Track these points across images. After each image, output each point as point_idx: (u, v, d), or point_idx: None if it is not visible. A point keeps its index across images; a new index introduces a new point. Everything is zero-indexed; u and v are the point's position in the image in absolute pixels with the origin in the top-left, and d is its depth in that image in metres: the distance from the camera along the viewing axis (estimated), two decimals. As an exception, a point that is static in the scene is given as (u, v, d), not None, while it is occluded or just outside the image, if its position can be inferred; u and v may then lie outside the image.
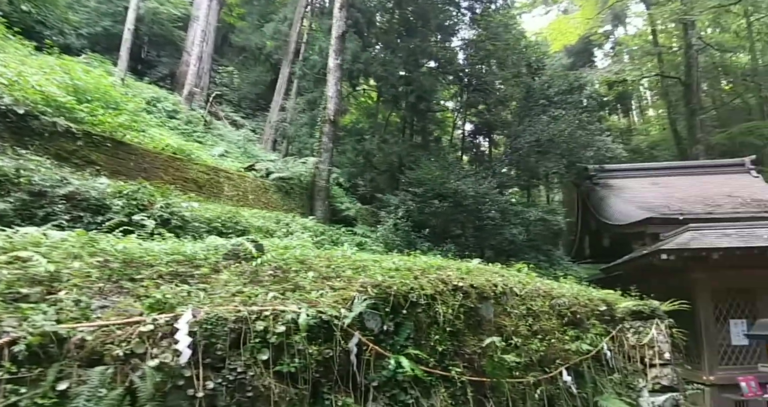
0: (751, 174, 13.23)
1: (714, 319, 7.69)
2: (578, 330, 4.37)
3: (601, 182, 14.01)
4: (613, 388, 4.55)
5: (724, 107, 25.88)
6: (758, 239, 7.50)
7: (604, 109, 21.54)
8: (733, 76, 25.79)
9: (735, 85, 26.37)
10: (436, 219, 12.47)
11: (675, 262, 7.73)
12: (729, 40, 24.90)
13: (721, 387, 7.36)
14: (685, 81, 21.18)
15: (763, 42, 23.55)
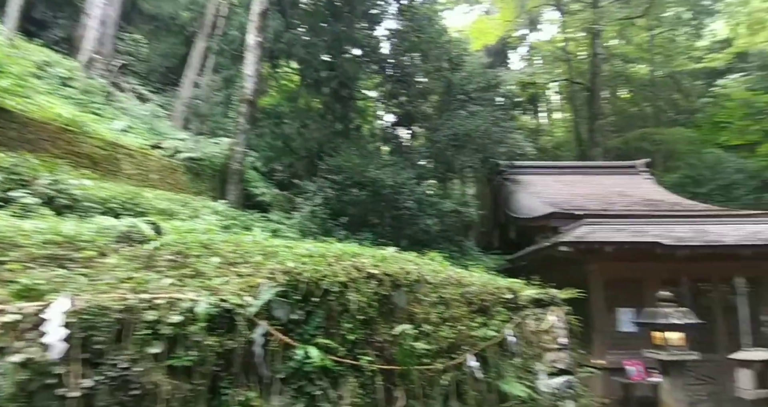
0: (643, 176, 14.74)
1: (605, 307, 8.44)
2: (486, 317, 4.53)
3: (511, 177, 14.82)
4: (514, 372, 4.79)
5: (622, 114, 28.62)
6: (647, 235, 8.33)
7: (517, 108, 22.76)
8: (633, 86, 28.54)
9: (634, 94, 29.25)
10: (354, 208, 12.43)
11: (573, 254, 8.35)
12: (631, 52, 27.48)
13: (610, 370, 8.09)
14: (589, 87, 23.04)
15: (662, 55, 26.25)
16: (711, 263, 8.38)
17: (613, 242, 7.96)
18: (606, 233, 8.41)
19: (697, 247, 7.83)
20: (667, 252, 7.86)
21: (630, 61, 27.95)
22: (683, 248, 7.75)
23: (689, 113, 26.18)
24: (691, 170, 20.29)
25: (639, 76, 27.73)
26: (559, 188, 13.58)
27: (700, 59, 26.82)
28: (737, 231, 8.46)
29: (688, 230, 8.58)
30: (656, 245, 7.80)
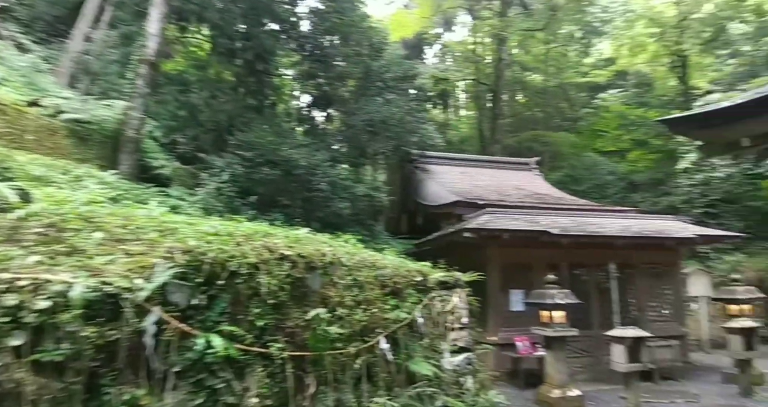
0: (534, 172, 15.78)
1: (500, 289, 8.86)
2: (398, 299, 4.40)
3: (421, 166, 15.05)
4: (422, 352, 4.75)
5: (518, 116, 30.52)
6: (537, 224, 8.84)
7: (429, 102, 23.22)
8: (528, 92, 30.51)
9: (528, 99, 31.30)
10: (265, 187, 11.75)
11: (474, 239, 8.62)
12: (529, 62, 29.24)
13: (502, 346, 8.54)
14: (493, 89, 24.14)
15: (554, 67, 28.24)
16: (589, 251, 9.15)
17: (510, 229, 8.35)
18: (504, 222, 8.79)
19: (579, 236, 8.50)
20: (554, 240, 8.42)
21: (528, 70, 29.80)
22: (568, 236, 8.37)
23: (573, 120, 28.65)
24: (572, 170, 22.26)
25: (534, 84, 29.71)
26: (463, 179, 14.04)
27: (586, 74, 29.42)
28: (612, 224, 9.35)
29: (571, 222, 9.28)
30: (545, 234, 8.32)
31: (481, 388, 5.53)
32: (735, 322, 7.33)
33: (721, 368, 8.82)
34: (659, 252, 9.73)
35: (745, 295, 7.91)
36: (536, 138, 24.30)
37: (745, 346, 7.12)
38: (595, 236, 8.55)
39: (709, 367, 9.41)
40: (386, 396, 3.88)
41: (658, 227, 9.55)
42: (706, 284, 12.07)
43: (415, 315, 4.71)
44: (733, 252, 15.91)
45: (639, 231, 8.99)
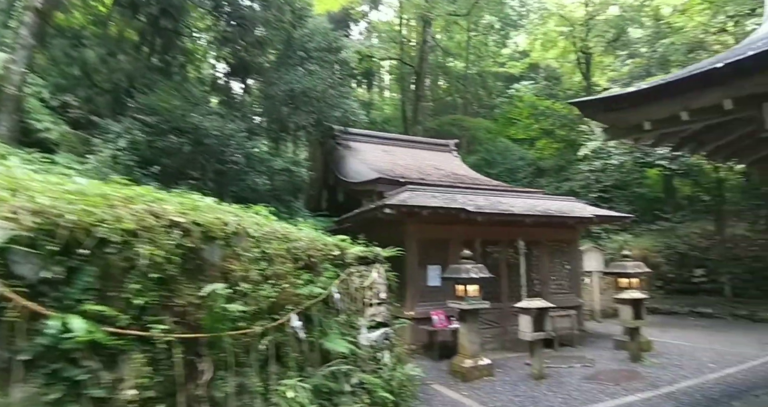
0: (453, 154, 16.01)
1: (418, 264, 8.82)
2: (312, 273, 4.03)
3: (343, 142, 14.59)
4: (338, 329, 4.46)
5: (439, 101, 30.99)
6: (455, 202, 8.86)
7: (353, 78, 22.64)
8: (450, 78, 30.99)
9: (450, 85, 31.83)
10: (171, 157, 10.62)
11: (395, 216, 8.44)
12: (452, 47, 29.61)
13: (419, 320, 8.53)
14: (417, 71, 24.10)
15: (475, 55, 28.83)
16: (500, 228, 9.41)
17: (430, 206, 8.28)
18: (424, 199, 8.72)
19: (492, 214, 8.65)
20: (470, 217, 8.50)
21: (450, 55, 30.22)
22: (483, 214, 8.49)
23: (490, 108, 29.69)
24: (487, 154, 23.09)
25: (455, 71, 30.24)
26: (385, 157, 13.84)
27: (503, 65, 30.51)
28: (521, 203, 9.68)
29: (485, 200, 9.46)
30: (463, 211, 8.37)
31: (398, 362, 5.39)
32: (625, 294, 7.93)
33: (612, 335, 9.61)
34: (561, 230, 10.29)
35: (634, 270, 8.60)
36: (456, 122, 24.81)
37: (634, 316, 7.73)
38: (506, 214, 8.77)
39: (602, 335, 10.24)
40: (298, 377, 3.53)
41: (561, 207, 10.07)
42: (598, 260, 13.12)
43: (331, 291, 4.38)
44: (621, 233, 17.53)
45: (545, 210, 9.40)
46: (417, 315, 8.54)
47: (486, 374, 6.98)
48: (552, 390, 6.31)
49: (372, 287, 5.40)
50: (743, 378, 6.55)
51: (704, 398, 5.75)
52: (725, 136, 5.57)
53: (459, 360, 7.09)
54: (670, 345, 9.01)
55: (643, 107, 4.74)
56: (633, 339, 7.78)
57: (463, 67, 29.37)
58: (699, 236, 15.06)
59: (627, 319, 7.81)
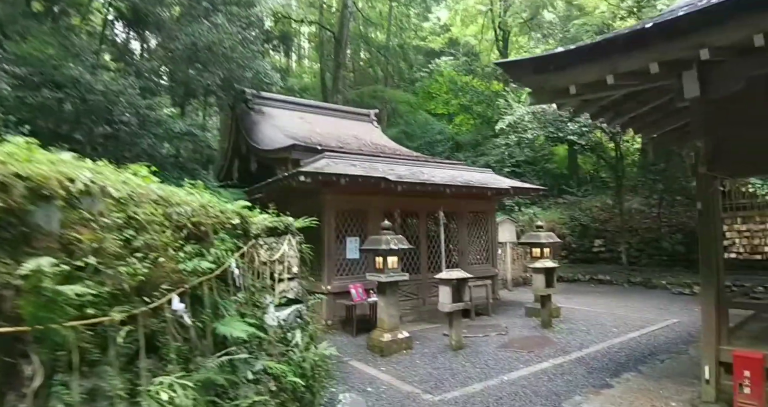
0: (373, 124, 15.50)
1: (335, 236, 8.30)
2: (202, 245, 3.32)
3: (256, 107, 13.45)
4: (239, 309, 3.81)
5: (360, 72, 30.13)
6: (376, 171, 8.40)
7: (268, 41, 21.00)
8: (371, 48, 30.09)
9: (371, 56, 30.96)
10: (48, 116, 8.93)
11: (311, 184, 7.81)
12: (374, 17, 28.65)
13: (336, 294, 8.09)
14: (337, 38, 22.99)
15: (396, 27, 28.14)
16: (421, 199, 9.18)
17: (349, 174, 7.74)
18: (342, 167, 8.15)
19: (413, 184, 8.34)
20: (390, 187, 8.11)
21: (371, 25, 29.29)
22: (403, 183, 8.14)
23: (410, 81, 29.48)
24: (406, 127, 22.93)
25: (377, 42, 29.44)
26: (302, 125, 12.98)
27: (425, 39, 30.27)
28: (442, 174, 9.49)
29: (406, 170, 9.13)
30: (383, 180, 7.95)
31: (312, 341, 4.88)
32: (539, 263, 8.11)
33: (522, 303, 9.95)
34: (479, 202, 10.33)
35: (546, 240, 8.84)
36: (377, 94, 24.23)
37: (546, 284, 7.94)
38: (427, 184, 8.50)
39: (514, 303, 10.58)
40: (181, 372, 2.86)
41: (480, 178, 10.07)
42: (511, 232, 13.58)
43: (230, 266, 3.71)
44: (531, 206, 18.43)
45: (465, 181, 9.30)
46: (334, 290, 8.09)
47: (405, 347, 6.76)
48: (470, 360, 6.23)
49: (282, 261, 4.80)
50: (646, 342, 6.98)
51: (612, 362, 5.98)
52: (640, 107, 5.64)
53: (377, 334, 6.78)
54: (576, 310, 9.51)
55: (572, 70, 4.55)
56: (544, 307, 8.01)
57: (384, 39, 28.67)
58: (599, 210, 16.25)
59: (539, 287, 8.00)
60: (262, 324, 4.17)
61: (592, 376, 5.46)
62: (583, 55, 4.45)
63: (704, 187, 4.45)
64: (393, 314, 6.79)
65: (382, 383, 5.46)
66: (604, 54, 4.23)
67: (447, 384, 5.37)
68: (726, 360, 4.18)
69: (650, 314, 9.02)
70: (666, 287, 11.87)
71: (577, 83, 4.59)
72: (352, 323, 7.82)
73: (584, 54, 4.44)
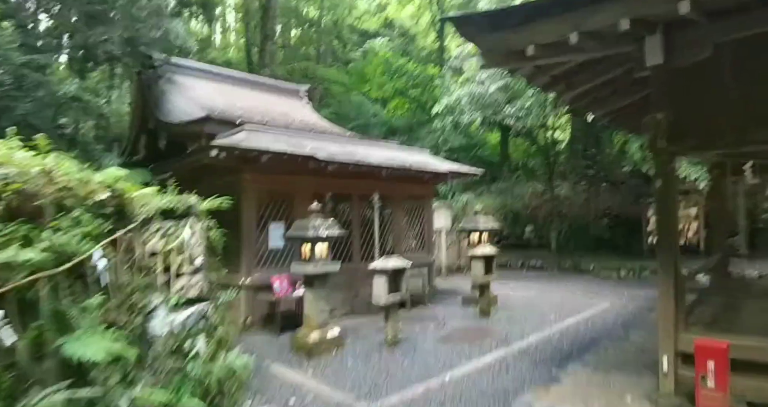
0: (304, 101, 14.37)
1: (256, 222, 7.31)
2: (34, 227, 2.30)
3: (166, 75, 11.78)
4: (106, 315, 2.84)
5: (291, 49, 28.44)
6: (303, 148, 7.47)
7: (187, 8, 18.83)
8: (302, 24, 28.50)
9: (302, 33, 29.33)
10: None
11: (226, 161, 6.75)
12: (305, -10, 27.06)
13: (257, 288, 7.14)
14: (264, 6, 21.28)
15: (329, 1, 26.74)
16: (354, 181, 8.42)
17: (272, 151, 6.75)
18: (264, 142, 7.13)
19: (346, 163, 7.55)
20: (320, 167, 7.26)
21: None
22: (335, 162, 7.32)
23: (344, 62, 28.36)
24: (339, 108, 21.94)
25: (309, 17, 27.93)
26: (221, 97, 11.59)
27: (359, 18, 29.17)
28: (378, 154, 8.75)
29: (339, 149, 8.28)
30: (312, 159, 7.07)
31: (220, 348, 3.96)
32: (478, 249, 7.69)
33: (459, 291, 9.58)
34: (417, 186, 9.77)
35: (485, 225, 8.46)
36: (307, 72, 22.87)
37: (485, 271, 7.54)
38: (361, 164, 7.73)
39: (450, 291, 10.20)
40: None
41: (417, 160, 9.47)
42: (447, 218, 13.25)
43: (88, 257, 2.70)
44: (465, 193, 18.36)
45: (402, 163, 8.64)
46: (255, 283, 7.13)
47: (336, 346, 6.01)
48: (408, 357, 5.62)
49: (182, 251, 3.82)
50: (584, 328, 6.80)
51: (556, 352, 5.66)
52: (593, 79, 5.26)
53: (304, 333, 5.96)
54: (512, 297, 9.31)
55: (532, 26, 3.97)
56: (483, 295, 7.64)
57: (317, 15, 27.22)
58: (531, 196, 16.47)
59: (478, 275, 7.60)
60: (144, 334, 3.21)
61: (538, 370, 5.06)
62: (546, 8, 3.90)
63: (664, 163, 4.11)
64: (322, 309, 6.00)
65: (308, 391, 4.68)
66: (570, 7, 3.69)
67: (383, 387, 4.71)
68: (686, 350, 3.89)
69: (583, 299, 9.03)
70: (594, 271, 12.19)
71: (537, 43, 4.03)
72: (276, 320, 6.92)
73: (548, 7, 3.89)
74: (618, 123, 7.03)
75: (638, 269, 11.47)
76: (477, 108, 13.11)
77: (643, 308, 8.05)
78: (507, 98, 12.87)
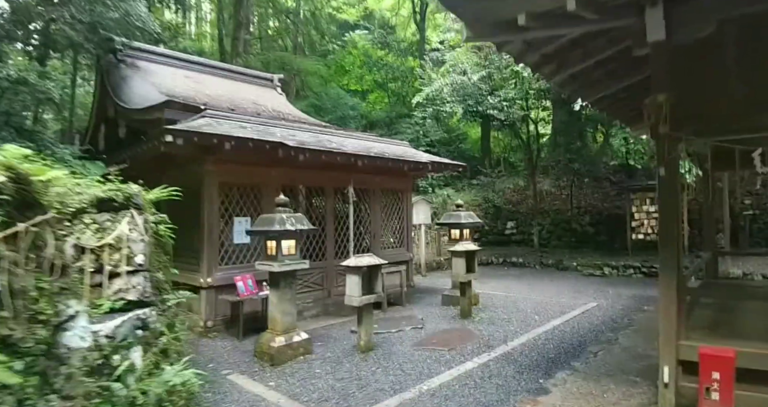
0: (277, 90, 13.71)
1: (219, 217, 6.70)
2: None
3: (128, 60, 10.99)
4: None
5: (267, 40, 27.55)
6: (272, 136, 6.88)
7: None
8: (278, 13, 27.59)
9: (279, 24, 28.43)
10: None
11: (186, 150, 6.12)
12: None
13: (219, 288, 6.55)
14: (239, -7, 20.44)
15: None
16: (328, 173, 7.89)
17: (236, 137, 6.13)
18: (228, 128, 6.51)
19: (319, 152, 6.96)
20: (290, 156, 6.67)
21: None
22: (307, 150, 6.73)
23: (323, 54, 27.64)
24: (317, 100, 21.28)
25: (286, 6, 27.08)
26: (187, 84, 10.87)
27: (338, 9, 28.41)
28: (354, 144, 8.22)
29: (311, 137, 7.71)
30: (281, 146, 6.48)
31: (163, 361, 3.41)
32: (459, 246, 7.25)
33: (439, 290, 9.14)
34: (395, 178, 9.29)
35: (467, 220, 8.03)
36: (284, 63, 22.09)
37: (466, 269, 7.11)
38: (335, 153, 7.17)
39: (429, 289, 9.77)
40: None
41: (395, 151, 8.96)
42: (426, 213, 12.79)
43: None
44: (445, 188, 17.99)
45: (380, 153, 8.12)
46: (217, 282, 6.53)
47: (303, 352, 5.48)
48: (381, 364, 5.14)
49: (120, 247, 3.24)
50: (570, 330, 6.42)
51: (542, 358, 5.25)
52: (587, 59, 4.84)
53: (268, 338, 5.42)
54: (494, 296, 8.92)
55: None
56: (464, 294, 7.20)
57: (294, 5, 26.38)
58: (512, 191, 16.18)
59: (460, 273, 7.16)
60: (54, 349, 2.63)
61: (524, 378, 4.63)
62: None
63: (667, 150, 3.69)
64: (288, 311, 5.46)
65: (268, 405, 4.14)
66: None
67: (353, 400, 4.21)
68: (687, 358, 3.50)
69: (567, 298, 8.69)
70: (577, 269, 11.90)
71: (529, 11, 3.57)
72: (239, 323, 6.34)
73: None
74: (611, 110, 6.64)
75: (622, 267, 11.23)
76: (458, 98, 12.67)
77: (630, 308, 7.75)
78: (489, 89, 12.47)
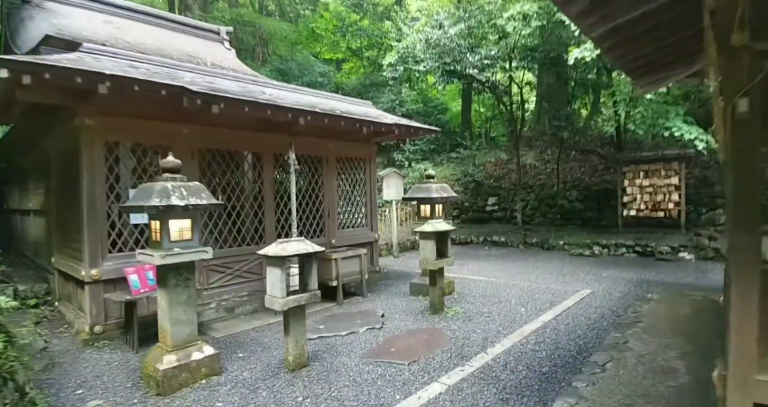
0: (225, 45, 11.74)
1: (107, 189, 4.98)
2: None
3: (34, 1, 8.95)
4: None
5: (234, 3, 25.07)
6: (179, 80, 5.10)
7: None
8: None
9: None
10: None
11: (49, 94, 4.37)
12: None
13: (108, 283, 4.91)
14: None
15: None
16: (265, 135, 6.25)
17: (110, 75, 4.33)
18: (108, 65, 4.72)
19: (239, 103, 5.18)
20: (199, 107, 4.91)
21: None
22: (221, 99, 4.98)
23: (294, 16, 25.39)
24: (283, 64, 19.26)
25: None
26: (105, 29, 8.90)
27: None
28: (297, 99, 6.50)
29: (239, 87, 5.93)
30: (184, 91, 4.74)
31: None
32: (428, 225, 5.69)
33: (409, 275, 7.68)
34: (355, 144, 7.68)
35: (439, 193, 6.48)
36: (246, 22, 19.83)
37: (437, 253, 5.60)
38: (263, 106, 5.38)
39: (399, 274, 8.30)
40: None
41: (354, 110, 7.25)
42: (399, 188, 11.22)
43: None
44: (422, 162, 16.41)
45: (331, 109, 6.41)
46: (106, 275, 4.88)
47: (206, 374, 3.92)
48: (312, 390, 3.63)
49: None
50: (566, 329, 5.00)
51: (534, 374, 3.80)
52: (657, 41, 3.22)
53: (155, 355, 3.85)
54: (472, 282, 7.49)
55: None
56: (435, 284, 5.71)
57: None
58: (494, 165, 14.69)
59: (429, 259, 5.64)
60: None
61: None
62: None
63: (747, 71, 2.15)
64: (182, 320, 3.86)
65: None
66: None
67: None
68: (762, 401, 2.08)
69: (557, 283, 7.32)
70: (564, 248, 10.57)
71: None
72: (133, 328, 4.74)
73: None
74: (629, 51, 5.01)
75: (614, 246, 9.93)
76: (434, 55, 10.93)
77: (631, 296, 6.40)
78: (469, 45, 10.76)
